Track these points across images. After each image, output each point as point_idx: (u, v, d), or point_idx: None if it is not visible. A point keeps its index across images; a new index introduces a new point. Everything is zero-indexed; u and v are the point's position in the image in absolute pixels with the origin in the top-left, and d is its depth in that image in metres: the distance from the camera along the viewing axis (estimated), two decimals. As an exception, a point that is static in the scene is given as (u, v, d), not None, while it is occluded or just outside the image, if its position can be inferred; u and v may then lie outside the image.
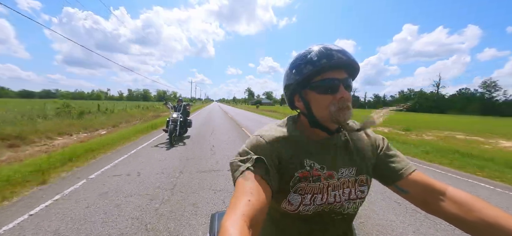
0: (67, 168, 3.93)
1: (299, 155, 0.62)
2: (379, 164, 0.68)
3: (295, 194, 0.60)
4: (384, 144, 0.71)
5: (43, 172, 3.55)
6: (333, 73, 0.60)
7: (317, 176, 0.61)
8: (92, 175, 3.63)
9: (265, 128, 0.68)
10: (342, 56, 0.59)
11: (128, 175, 3.68)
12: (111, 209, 2.54)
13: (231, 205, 0.48)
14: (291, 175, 0.61)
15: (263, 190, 0.52)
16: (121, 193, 2.99)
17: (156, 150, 5.62)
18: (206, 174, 3.87)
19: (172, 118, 6.53)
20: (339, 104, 0.59)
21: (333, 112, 0.59)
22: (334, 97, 0.59)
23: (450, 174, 4.51)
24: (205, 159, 4.82)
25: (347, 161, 0.66)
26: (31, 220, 2.28)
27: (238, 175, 0.56)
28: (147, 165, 4.24)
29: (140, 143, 6.39)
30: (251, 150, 0.60)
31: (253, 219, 0.45)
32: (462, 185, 3.86)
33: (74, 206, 2.58)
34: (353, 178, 0.65)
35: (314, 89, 0.62)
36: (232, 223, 0.42)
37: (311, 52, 0.61)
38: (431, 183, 0.60)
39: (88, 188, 3.11)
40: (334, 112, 0.59)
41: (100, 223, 2.25)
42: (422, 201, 0.61)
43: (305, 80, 0.62)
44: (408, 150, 6.69)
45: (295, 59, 0.65)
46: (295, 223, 0.64)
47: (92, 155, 4.89)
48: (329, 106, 0.59)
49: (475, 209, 0.51)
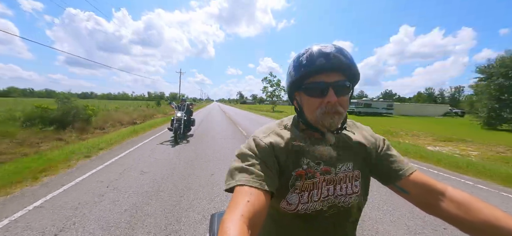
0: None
1: (296, 155, 0.63)
2: (380, 164, 0.68)
3: (293, 193, 0.60)
4: (385, 145, 0.71)
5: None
6: (323, 76, 0.59)
7: (312, 173, 0.61)
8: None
9: (263, 129, 0.68)
10: (332, 58, 0.57)
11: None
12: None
13: (231, 205, 0.48)
14: (288, 175, 0.61)
15: (262, 191, 0.52)
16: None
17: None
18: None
19: (177, 117, 6.82)
20: (325, 108, 0.58)
21: (319, 116, 0.59)
22: (321, 100, 0.59)
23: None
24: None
25: (345, 157, 0.66)
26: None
27: (237, 177, 0.55)
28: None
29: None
30: (250, 152, 0.60)
31: (252, 219, 0.45)
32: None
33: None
34: (350, 173, 0.65)
35: (304, 91, 0.62)
36: (231, 223, 0.42)
37: (305, 53, 0.61)
38: (431, 183, 0.60)
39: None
40: (320, 116, 0.59)
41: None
42: (422, 202, 0.60)
43: (298, 81, 0.62)
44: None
45: (293, 59, 0.66)
46: (295, 223, 0.63)
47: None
48: (316, 110, 0.60)
49: (474, 210, 0.51)
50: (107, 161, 4.44)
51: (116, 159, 4.62)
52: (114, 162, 4.45)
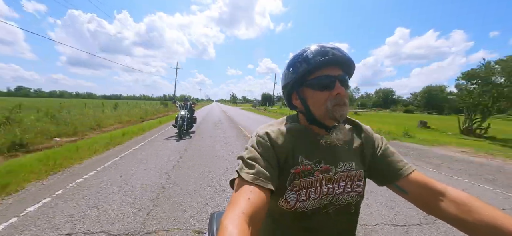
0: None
1: (297, 153, 0.63)
2: (379, 164, 0.68)
3: (291, 191, 0.61)
4: (383, 144, 0.71)
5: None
6: (328, 70, 0.61)
7: (310, 170, 0.62)
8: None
9: (265, 127, 0.68)
10: (337, 52, 0.60)
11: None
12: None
13: (231, 203, 0.49)
14: (287, 173, 0.62)
15: (263, 189, 0.53)
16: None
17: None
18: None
19: (180, 115, 7.54)
20: (335, 100, 0.60)
21: (329, 108, 0.61)
22: (330, 93, 0.60)
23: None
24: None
25: (346, 155, 0.66)
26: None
27: (238, 174, 0.56)
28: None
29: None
30: (251, 149, 0.61)
31: (252, 217, 0.46)
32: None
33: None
34: (353, 172, 0.65)
35: (310, 86, 0.63)
36: (231, 221, 0.43)
37: (306, 50, 0.63)
38: (431, 183, 0.60)
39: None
40: (330, 108, 0.61)
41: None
42: (422, 202, 0.61)
43: (301, 77, 0.63)
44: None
45: (292, 58, 0.66)
46: (293, 221, 0.63)
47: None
48: (326, 103, 0.61)
49: (474, 210, 0.51)
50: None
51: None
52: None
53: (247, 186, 0.53)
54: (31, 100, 31.41)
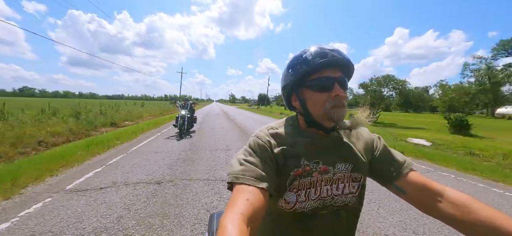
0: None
1: (296, 154, 0.64)
2: (377, 164, 0.69)
3: (290, 192, 0.62)
4: (381, 144, 0.72)
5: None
6: (328, 71, 0.62)
7: (309, 171, 0.63)
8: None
9: (264, 128, 0.69)
10: (336, 54, 0.61)
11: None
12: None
13: (230, 204, 0.49)
14: (287, 174, 0.62)
15: (261, 190, 0.54)
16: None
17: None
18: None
19: (181, 115, 7.51)
20: (334, 102, 0.61)
21: (328, 109, 0.62)
22: (329, 94, 0.61)
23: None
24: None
25: (344, 157, 0.66)
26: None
27: (237, 175, 0.57)
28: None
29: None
30: (250, 151, 0.62)
31: (251, 218, 0.47)
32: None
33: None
34: (348, 173, 0.66)
35: (309, 88, 0.64)
36: (230, 221, 0.43)
37: (306, 52, 0.64)
38: (429, 183, 0.60)
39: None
40: (329, 109, 0.61)
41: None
42: (420, 202, 0.61)
43: (300, 79, 0.64)
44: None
45: (291, 59, 0.68)
46: (293, 221, 0.64)
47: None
48: (324, 104, 0.62)
49: (472, 211, 0.51)
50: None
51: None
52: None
53: (246, 187, 0.54)
54: (38, 100, 30.42)
